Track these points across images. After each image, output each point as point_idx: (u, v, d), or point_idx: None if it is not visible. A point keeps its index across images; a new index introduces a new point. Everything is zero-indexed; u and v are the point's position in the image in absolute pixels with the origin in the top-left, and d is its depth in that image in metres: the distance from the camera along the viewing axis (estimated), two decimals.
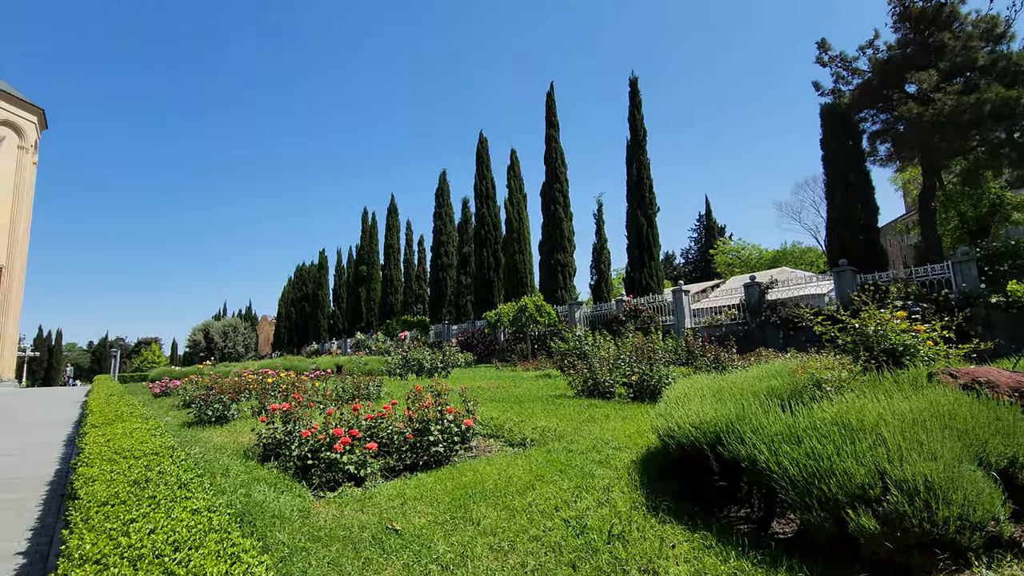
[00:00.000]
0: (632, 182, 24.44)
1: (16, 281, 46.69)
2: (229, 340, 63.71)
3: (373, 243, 45.26)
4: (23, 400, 20.07)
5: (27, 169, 48.33)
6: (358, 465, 5.15)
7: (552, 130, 28.06)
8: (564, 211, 26.88)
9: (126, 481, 3.10)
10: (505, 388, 11.25)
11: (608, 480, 4.44)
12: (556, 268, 26.12)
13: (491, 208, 31.28)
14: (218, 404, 9.02)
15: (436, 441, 5.67)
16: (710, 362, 9.80)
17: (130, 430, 4.94)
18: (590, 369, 9.44)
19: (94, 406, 7.46)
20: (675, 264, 62.91)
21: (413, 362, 15.20)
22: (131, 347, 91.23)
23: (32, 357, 68.68)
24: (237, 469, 5.47)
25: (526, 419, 7.37)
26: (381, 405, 8.60)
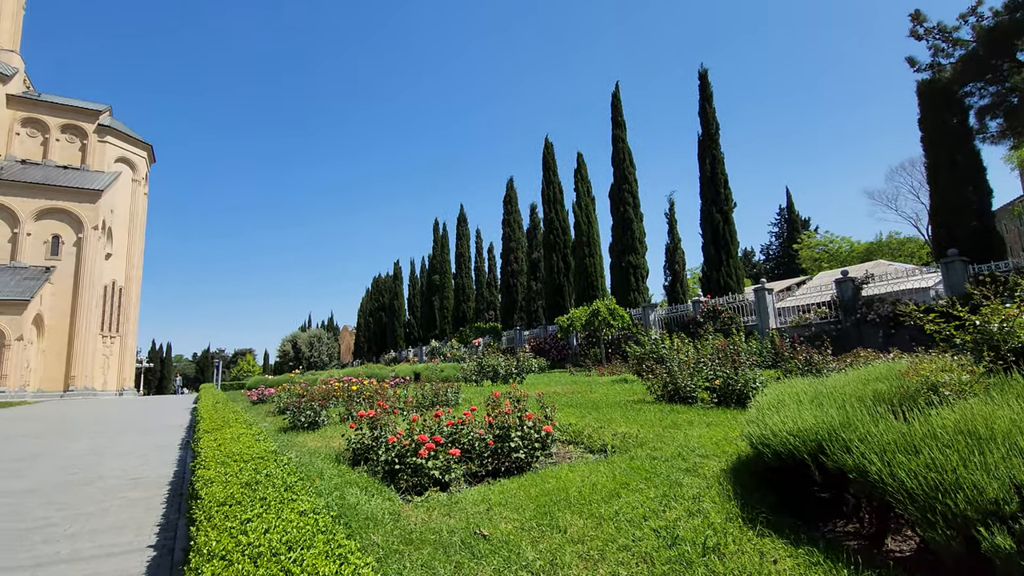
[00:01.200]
0: (705, 178, 23.53)
1: (133, 300, 52.18)
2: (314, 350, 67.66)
3: (444, 253, 46.48)
4: (142, 407, 22.31)
5: (139, 199, 54.04)
6: (442, 470, 5.27)
7: (619, 130, 27.62)
8: (634, 212, 26.33)
9: (239, 483, 3.35)
10: (581, 393, 11.14)
11: (697, 489, 4.27)
12: (628, 270, 25.60)
13: (559, 212, 31.23)
14: (309, 411, 9.58)
15: (517, 447, 5.70)
16: (801, 364, 9.20)
17: (237, 435, 5.35)
18: (669, 373, 9.14)
19: (204, 413, 8.15)
20: (754, 261, 59.84)
21: (488, 368, 15.40)
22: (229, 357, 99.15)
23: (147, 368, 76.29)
24: (330, 472, 5.76)
25: (605, 425, 7.26)
26: (460, 411, 8.79)
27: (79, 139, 48.67)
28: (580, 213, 28.85)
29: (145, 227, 55.02)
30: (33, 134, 47.15)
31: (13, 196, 40.56)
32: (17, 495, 5.80)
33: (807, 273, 40.70)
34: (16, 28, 51.41)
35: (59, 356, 40.44)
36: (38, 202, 41.31)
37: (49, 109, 47.97)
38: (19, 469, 7.44)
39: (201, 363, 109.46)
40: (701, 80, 24.41)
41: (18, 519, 4.85)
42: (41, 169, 44.76)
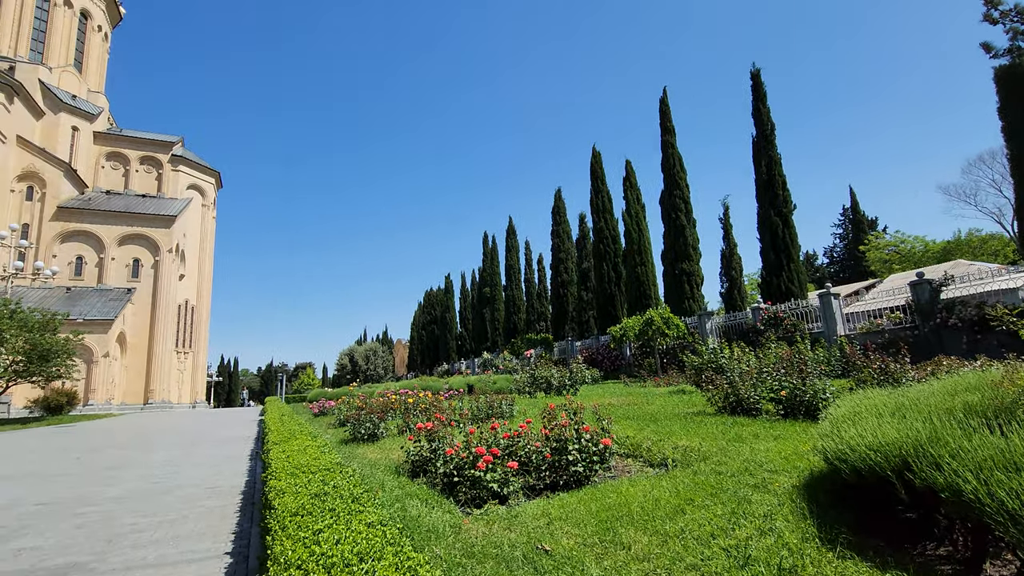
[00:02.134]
0: (761, 180, 22.70)
1: (204, 317, 55.44)
2: (370, 363, 69.54)
3: (494, 265, 46.86)
4: (213, 419, 23.55)
5: (208, 223, 57.61)
6: (501, 483, 5.26)
7: (668, 136, 27.13)
8: (686, 218, 25.70)
9: (308, 494, 3.46)
10: (637, 405, 10.89)
11: (768, 507, 4.07)
12: (681, 278, 24.95)
13: (608, 221, 30.91)
14: (369, 423, 9.82)
15: (575, 461, 5.62)
16: (876, 374, 8.63)
17: (304, 447, 5.54)
18: (730, 384, 8.80)
19: (271, 425, 8.50)
20: (817, 264, 57.02)
21: (541, 380, 15.33)
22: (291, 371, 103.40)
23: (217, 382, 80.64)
24: (391, 484, 5.86)
25: (665, 438, 7.06)
26: (516, 424, 8.77)
27: (155, 169, 52.55)
28: (630, 221, 28.43)
29: (214, 248, 58.60)
30: (116, 166, 51.31)
31: (99, 224, 44.12)
32: (109, 502, 6.23)
33: (876, 276, 38.38)
34: (101, 72, 56.31)
35: (139, 371, 43.40)
36: (120, 229, 44.73)
37: (129, 143, 52.10)
38: (109, 477, 7.99)
39: (265, 376, 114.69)
40: (754, 80, 23.67)
41: (110, 525, 5.20)
42: (123, 198, 48.56)
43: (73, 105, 48.22)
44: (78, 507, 6.05)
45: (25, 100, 43.32)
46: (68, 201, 43.87)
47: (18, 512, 5.90)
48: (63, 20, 50.88)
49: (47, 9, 50.11)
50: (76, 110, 48.45)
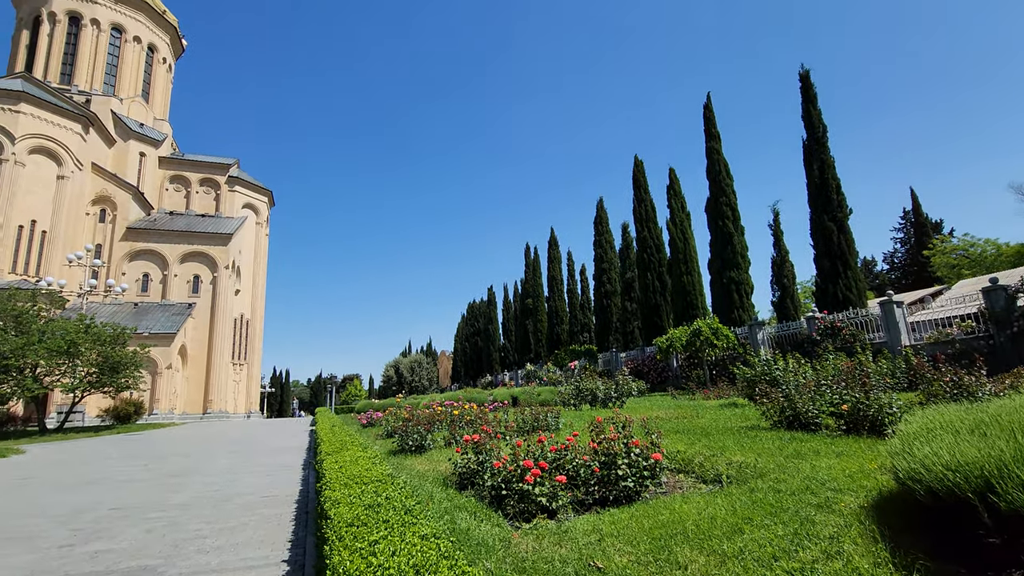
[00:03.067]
0: (814, 185, 21.84)
1: (257, 330, 57.72)
2: (415, 374, 70.53)
3: (537, 276, 46.84)
4: (267, 430, 24.39)
5: (262, 240, 60.21)
6: (549, 497, 5.21)
7: (713, 142, 26.55)
8: (734, 225, 24.99)
9: (362, 505, 3.52)
10: (687, 418, 10.59)
11: (834, 528, 3.85)
12: (729, 287, 24.23)
13: (652, 231, 30.45)
14: (416, 435, 9.93)
15: (625, 475, 5.50)
16: (948, 387, 8.08)
17: (355, 458, 5.66)
18: (786, 397, 8.43)
19: (323, 436, 8.73)
20: (876, 271, 54.24)
21: (586, 392, 15.14)
22: (339, 382, 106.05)
23: (270, 392, 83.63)
24: (440, 496, 5.90)
25: (717, 453, 6.82)
26: (562, 436, 8.69)
27: (214, 190, 55.45)
28: (675, 230, 27.90)
29: (267, 264, 61.15)
30: (178, 188, 54.45)
31: (164, 243, 46.82)
32: (174, 508, 6.54)
33: (943, 282, 36.16)
34: (166, 100, 60.09)
35: (199, 382, 45.52)
36: (182, 247, 47.32)
37: (190, 166, 55.25)
38: (174, 484, 8.39)
39: (314, 388, 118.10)
40: (803, 82, 22.91)
41: (176, 530, 5.45)
42: (184, 218, 51.43)
43: (141, 133, 51.64)
44: (147, 512, 6.37)
45: (99, 130, 46.73)
46: (136, 222, 46.83)
47: (95, 515, 6.26)
48: (132, 54, 54.70)
49: (119, 45, 54.02)
50: (143, 137, 51.86)
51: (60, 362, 22.79)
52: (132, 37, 54.81)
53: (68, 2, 51.79)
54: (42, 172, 41.04)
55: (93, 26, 52.28)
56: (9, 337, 21.31)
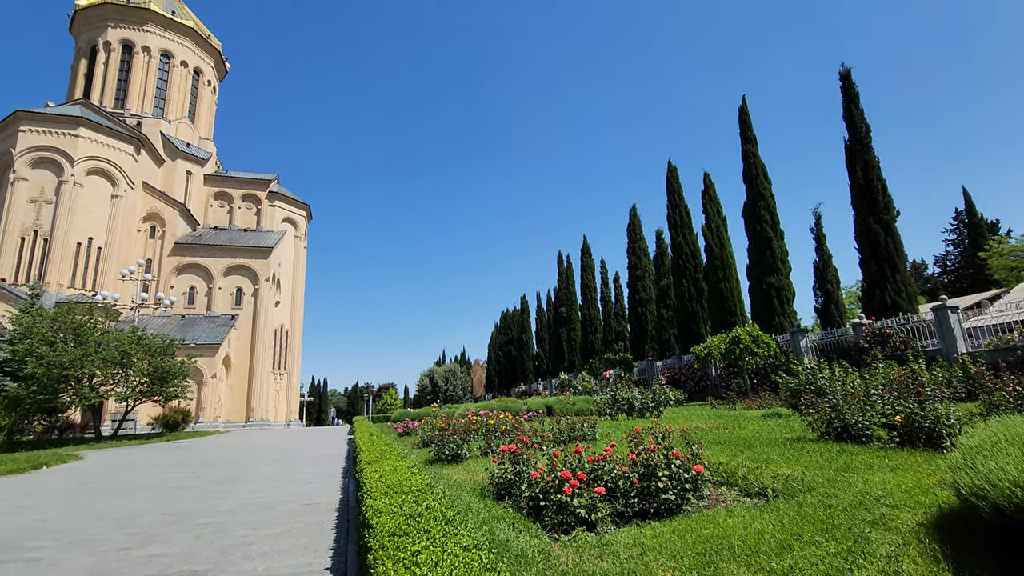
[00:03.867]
0: (858, 186, 21.08)
1: (296, 341, 59.24)
2: (449, 384, 71.01)
3: (570, 284, 46.63)
4: (307, 437, 24.92)
5: (300, 253, 61.96)
6: (588, 509, 5.14)
7: (749, 145, 26.00)
8: (772, 230, 24.33)
9: (403, 514, 3.55)
10: (728, 429, 10.31)
11: (891, 546, 3.67)
12: (769, 293, 23.55)
13: (687, 237, 29.95)
14: (452, 444, 9.98)
15: (665, 488, 5.39)
16: (1012, 397, 7.61)
17: (394, 467, 5.72)
18: (834, 407, 8.11)
19: (362, 445, 8.86)
20: (927, 274, 51.82)
21: (622, 401, 14.93)
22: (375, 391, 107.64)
23: (309, 402, 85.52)
24: (478, 506, 5.90)
25: (762, 465, 6.61)
26: (599, 447, 8.57)
27: (255, 205, 57.51)
28: (710, 235, 27.36)
29: (305, 276, 62.87)
30: (222, 204, 56.72)
31: (209, 257, 48.74)
32: (222, 515, 6.74)
33: (1000, 285, 34.28)
34: (210, 120, 62.77)
35: (241, 391, 46.97)
36: (226, 261, 49.15)
37: (233, 182, 57.50)
38: (221, 491, 8.66)
39: (351, 396, 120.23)
40: (843, 81, 22.22)
41: (224, 536, 5.62)
42: (228, 233, 53.44)
43: (188, 152, 54.11)
44: (197, 518, 6.59)
45: (149, 150, 49.16)
46: (183, 237, 48.94)
47: (148, 520, 6.52)
48: (180, 78, 57.47)
49: (167, 70, 56.86)
50: (190, 156, 54.32)
51: (114, 372, 23.90)
52: (180, 62, 57.62)
53: (122, 32, 54.89)
54: (98, 192, 43.42)
55: (144, 53, 55.21)
56: (69, 349, 22.48)
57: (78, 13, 56.04)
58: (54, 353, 21.89)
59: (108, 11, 54.93)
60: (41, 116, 42.49)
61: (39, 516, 7.13)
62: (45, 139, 41.98)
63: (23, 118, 41.98)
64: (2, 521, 6.90)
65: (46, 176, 41.65)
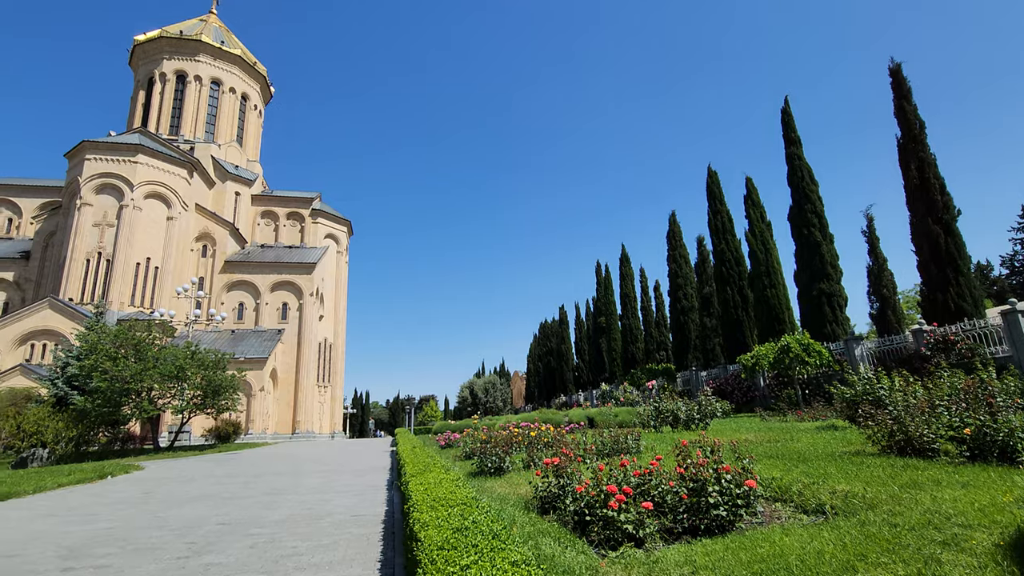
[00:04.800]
0: (913, 185, 20.10)
1: (339, 354, 60.62)
2: (489, 395, 71.10)
3: (609, 294, 46.14)
4: (350, 450, 25.37)
5: (342, 268, 63.60)
6: (636, 524, 5.02)
7: (793, 147, 25.22)
8: (821, 233, 23.45)
9: (450, 528, 3.55)
10: (780, 442, 9.91)
11: (966, 569, 3.44)
12: (819, 299, 22.64)
13: (730, 243, 29.20)
14: (495, 456, 9.95)
15: (716, 503, 5.22)
16: None
17: (439, 480, 5.75)
18: (895, 419, 7.69)
19: (406, 457, 8.96)
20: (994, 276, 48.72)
21: (666, 413, 14.58)
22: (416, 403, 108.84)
23: (352, 414, 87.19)
24: (522, 520, 5.84)
25: (818, 481, 6.31)
26: (645, 460, 8.38)
27: (299, 223, 59.59)
28: (755, 241, 26.60)
29: (347, 291, 64.50)
30: (268, 222, 59.01)
31: (256, 274, 50.67)
32: (273, 525, 6.92)
33: None
34: (257, 143, 65.57)
35: (288, 404, 48.34)
36: (272, 277, 50.97)
37: (279, 201, 59.77)
38: (271, 502, 8.90)
39: (393, 408, 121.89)
40: (894, 76, 21.31)
41: (276, 546, 5.76)
42: (274, 250, 55.48)
43: (236, 174, 56.66)
44: (249, 528, 6.78)
45: (201, 173, 51.73)
46: (232, 255, 51.10)
47: (205, 530, 6.75)
48: (229, 104, 60.39)
49: (217, 96, 59.88)
50: (238, 178, 56.85)
51: (170, 386, 25.02)
52: (228, 89, 60.57)
53: (176, 63, 58.23)
54: (155, 214, 45.91)
55: (196, 82, 58.34)
56: (130, 364, 23.70)
57: (136, 48, 59.77)
58: (116, 368, 23.12)
59: (163, 44, 58.40)
60: (104, 145, 45.36)
61: (106, 524, 7.49)
62: (108, 166, 44.76)
63: (88, 148, 44.92)
64: (74, 529, 7.28)
65: (109, 201, 44.35)
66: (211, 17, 64.94)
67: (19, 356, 38.14)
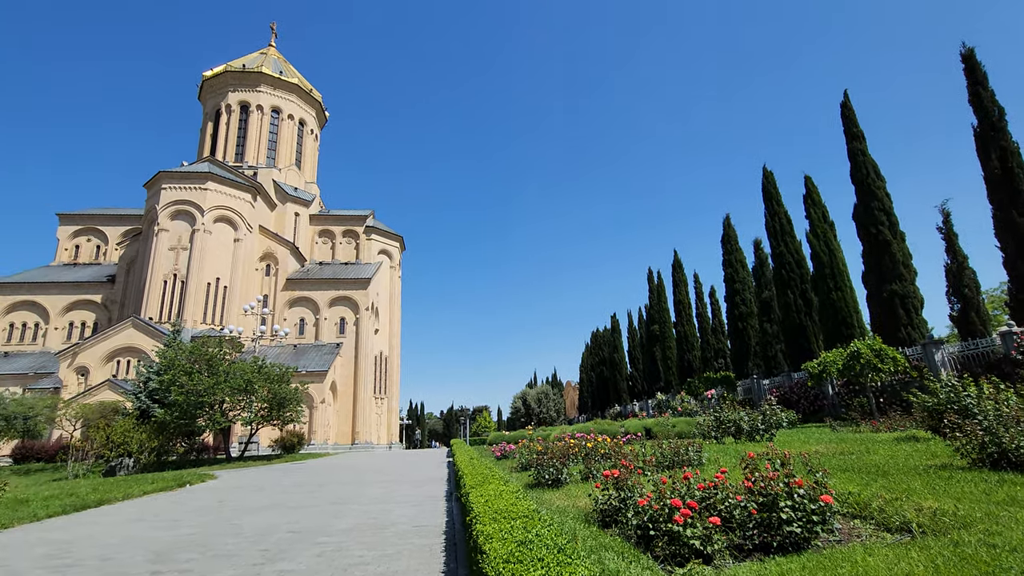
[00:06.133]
0: (994, 176, 18.64)
1: (394, 366, 62.04)
2: (542, 406, 70.68)
3: (662, 301, 45.14)
4: (407, 460, 25.83)
5: (395, 282, 65.28)
6: (703, 540, 4.85)
7: (856, 142, 23.98)
8: (890, 231, 22.10)
9: (514, 541, 3.55)
10: (854, 454, 9.35)
11: None
12: (892, 301, 21.28)
13: (789, 245, 27.98)
14: (552, 468, 9.88)
15: (789, 519, 4.97)
16: None
17: (499, 492, 5.76)
18: (987, 430, 7.10)
19: (464, 468, 9.03)
20: None
21: (728, 423, 14.06)
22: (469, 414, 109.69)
23: (407, 424, 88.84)
24: (583, 534, 5.76)
25: (901, 497, 5.91)
26: (708, 473, 8.11)
27: (354, 240, 61.73)
28: (816, 242, 25.37)
29: (401, 304, 66.11)
30: (325, 241, 61.44)
31: (315, 291, 52.78)
32: (339, 534, 7.13)
33: None
34: (313, 165, 68.59)
35: (347, 415, 49.81)
36: (330, 293, 52.92)
37: (335, 220, 62.18)
38: (336, 511, 9.18)
39: (447, 419, 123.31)
40: (966, 63, 19.93)
41: (343, 555, 5.93)
42: (331, 267, 57.67)
43: (295, 196, 59.47)
44: (317, 536, 7.02)
45: (264, 197, 54.62)
46: (293, 273, 53.50)
47: (276, 538, 7.04)
48: (287, 130, 63.66)
49: (277, 123, 63.28)
50: (298, 199, 59.65)
51: (240, 399, 26.36)
52: (287, 115, 63.89)
53: (240, 95, 62.06)
54: (223, 237, 48.83)
55: (258, 111, 61.91)
56: (203, 378, 25.16)
57: (205, 83, 64.13)
58: (192, 382, 24.59)
59: (228, 78, 62.39)
60: (178, 174, 48.78)
61: (188, 530, 7.94)
62: (181, 194, 48.08)
63: (164, 177, 48.43)
64: (160, 534, 7.76)
65: (182, 226, 47.57)
66: (270, 49, 68.82)
67: (107, 372, 41.29)
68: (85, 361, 41.59)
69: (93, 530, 8.59)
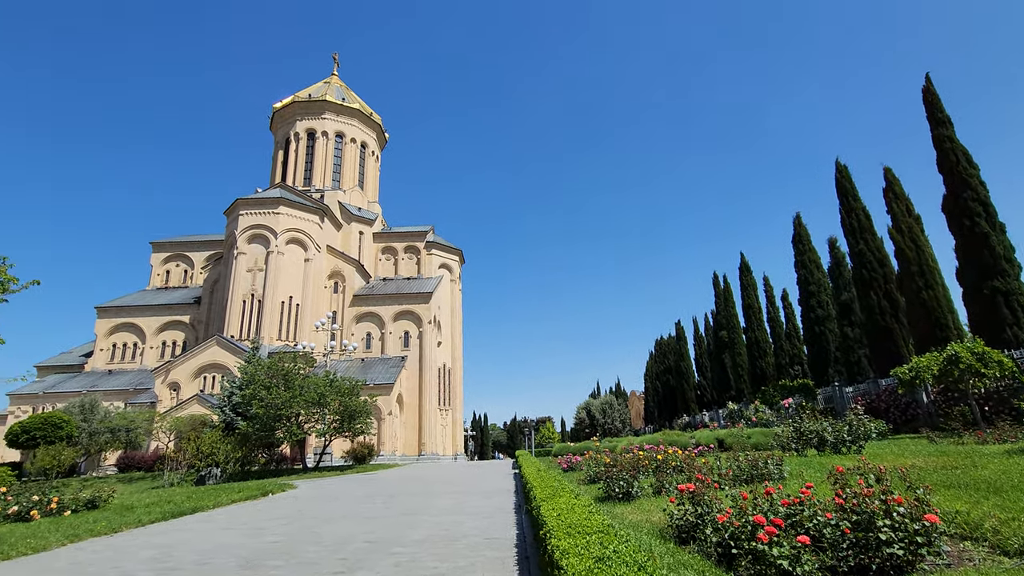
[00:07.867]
0: None
1: (457, 378, 62.95)
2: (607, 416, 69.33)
3: (729, 306, 43.38)
4: (474, 471, 26.04)
5: (456, 295, 66.47)
6: (792, 561, 4.57)
7: (942, 128, 22.17)
8: (988, 223, 20.19)
9: (591, 557, 3.47)
10: (959, 468, 8.53)
11: None
12: (993, 299, 19.38)
13: (869, 242, 26.15)
14: (622, 481, 9.65)
15: (889, 540, 4.60)
16: None
17: (570, 505, 5.68)
18: None
19: (532, 481, 8.98)
20: None
21: (810, 434, 13.23)
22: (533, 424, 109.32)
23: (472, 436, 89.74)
24: (660, 550, 5.57)
25: (1019, 516, 5.34)
26: (791, 487, 7.65)
27: (415, 255, 63.55)
28: (901, 238, 23.56)
29: (462, 317, 67.22)
30: (388, 257, 63.62)
31: (380, 306, 54.63)
32: (413, 544, 7.27)
33: None
34: (375, 185, 71.38)
35: (413, 427, 50.95)
36: (394, 307, 54.60)
37: (396, 237, 64.32)
38: (409, 522, 9.37)
39: (510, 430, 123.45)
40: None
41: (418, 566, 6.03)
42: (394, 283, 59.55)
43: (359, 215, 62.09)
44: (392, 546, 7.18)
45: (330, 218, 57.35)
46: (359, 290, 55.67)
47: (354, 547, 7.27)
48: (350, 153, 66.78)
49: (340, 147, 66.56)
50: (361, 219, 62.25)
51: (314, 411, 27.58)
52: (350, 139, 67.09)
53: (307, 123, 65.87)
54: (294, 257, 51.68)
55: (323, 137, 65.41)
56: (280, 392, 26.54)
57: (275, 114, 68.50)
58: (270, 396, 26.00)
59: (296, 108, 66.38)
60: (253, 200, 52.23)
61: (272, 538, 8.35)
62: (257, 219, 51.41)
63: (241, 204, 51.99)
64: (248, 541, 8.21)
65: (258, 249, 50.80)
66: (333, 78, 72.58)
67: (195, 387, 44.49)
68: (176, 377, 45.04)
69: (189, 536, 9.20)
